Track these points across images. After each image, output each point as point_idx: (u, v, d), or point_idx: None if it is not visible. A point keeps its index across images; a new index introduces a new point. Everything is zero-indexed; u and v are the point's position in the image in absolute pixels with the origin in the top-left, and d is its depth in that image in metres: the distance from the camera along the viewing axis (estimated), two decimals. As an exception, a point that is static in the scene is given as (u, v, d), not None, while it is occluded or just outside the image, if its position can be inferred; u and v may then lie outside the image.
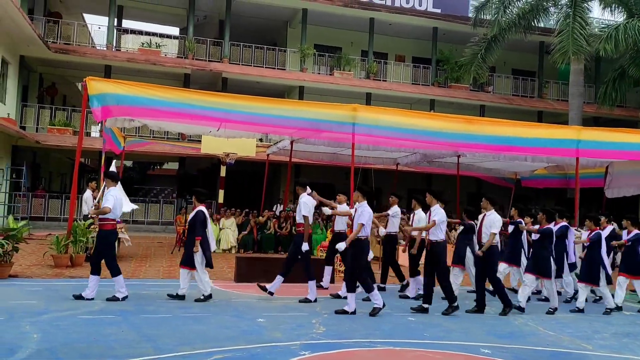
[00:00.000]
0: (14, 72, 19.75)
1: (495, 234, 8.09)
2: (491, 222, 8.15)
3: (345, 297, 7.87)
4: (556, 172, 14.48)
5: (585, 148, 11.23)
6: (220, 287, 9.13)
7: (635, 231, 9.29)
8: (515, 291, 9.48)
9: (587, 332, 7.39)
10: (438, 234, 8.01)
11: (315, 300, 8.19)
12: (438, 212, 8.04)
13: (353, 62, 24.25)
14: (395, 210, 9.72)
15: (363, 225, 7.56)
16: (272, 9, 23.50)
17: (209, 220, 8.13)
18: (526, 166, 14.94)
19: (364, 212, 7.61)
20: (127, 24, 25.75)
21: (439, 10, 25.03)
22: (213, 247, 8.20)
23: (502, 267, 9.51)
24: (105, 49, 22.01)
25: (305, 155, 15.84)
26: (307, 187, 8.56)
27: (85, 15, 26.90)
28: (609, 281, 9.16)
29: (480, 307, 8.25)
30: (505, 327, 7.41)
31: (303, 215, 8.25)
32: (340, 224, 9.31)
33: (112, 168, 8.08)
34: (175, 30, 28.28)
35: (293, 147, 14.09)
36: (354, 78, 23.83)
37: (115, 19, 22.85)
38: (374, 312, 7.55)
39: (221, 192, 16.84)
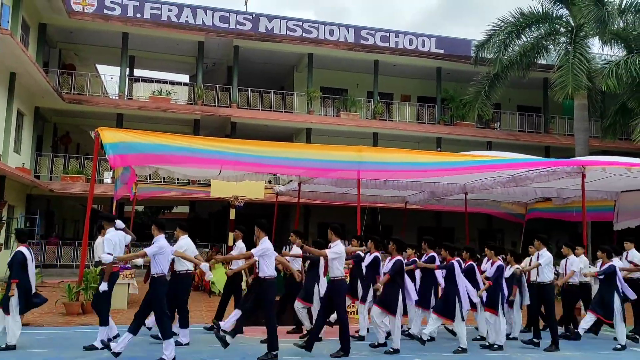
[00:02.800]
0: (29, 123, 20.33)
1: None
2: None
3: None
4: (562, 205, 14.45)
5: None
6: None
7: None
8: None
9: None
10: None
11: None
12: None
13: (359, 103, 24.68)
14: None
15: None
16: (279, 55, 24.15)
17: (32, 262, 7.64)
18: (532, 198, 14.94)
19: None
20: (138, 73, 26.54)
21: (442, 51, 25.57)
22: (34, 289, 7.74)
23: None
24: (117, 97, 22.64)
25: (314, 196, 16.00)
26: (116, 221, 8.15)
27: (98, 66, 27.77)
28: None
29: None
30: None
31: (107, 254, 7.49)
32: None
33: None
34: (185, 78, 29.05)
35: (301, 189, 14.28)
36: (360, 119, 24.20)
37: (127, 69, 23.59)
38: None
39: (231, 235, 16.94)
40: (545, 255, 8.98)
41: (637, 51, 18.50)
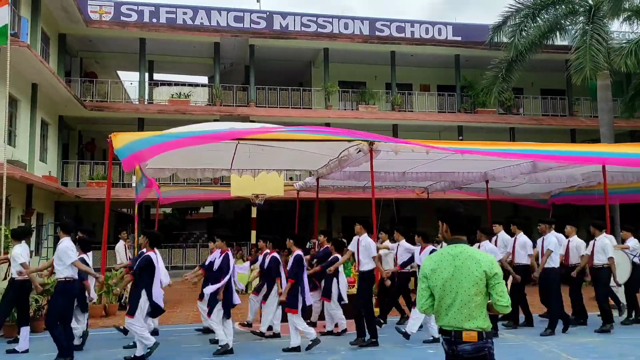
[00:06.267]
0: (54, 131, 20.80)
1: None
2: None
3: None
4: (586, 188, 14.13)
5: None
6: (247, 328, 9.22)
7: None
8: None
9: (614, 356, 7.09)
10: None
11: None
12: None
13: (377, 95, 24.52)
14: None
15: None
16: (295, 51, 24.16)
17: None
18: (558, 186, 14.67)
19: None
20: (158, 77, 26.89)
21: (459, 38, 25.19)
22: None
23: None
24: (137, 102, 22.99)
25: (334, 190, 15.98)
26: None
27: (119, 72, 28.22)
28: None
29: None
30: (531, 356, 7.22)
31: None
32: None
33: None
34: (204, 79, 29.31)
35: (321, 183, 14.26)
36: (379, 111, 24.05)
37: (146, 74, 23.91)
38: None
39: (253, 233, 17.08)
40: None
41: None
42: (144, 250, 7.85)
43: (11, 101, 15.89)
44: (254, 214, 17.29)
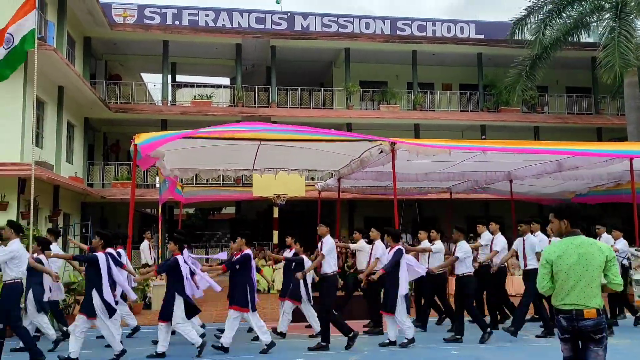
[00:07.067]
0: (80, 133, 21.18)
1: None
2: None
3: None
4: (613, 188, 13.86)
5: None
6: (269, 327, 9.24)
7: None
8: None
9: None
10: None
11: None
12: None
13: (398, 95, 24.40)
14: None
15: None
16: (316, 52, 24.19)
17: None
18: (583, 185, 14.42)
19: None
20: (180, 78, 27.18)
21: (482, 36, 24.94)
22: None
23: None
24: (161, 104, 23.27)
25: (356, 190, 15.97)
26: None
27: (142, 74, 28.60)
28: None
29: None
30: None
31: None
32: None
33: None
34: (226, 81, 29.52)
35: (342, 184, 14.25)
36: (400, 111, 23.93)
37: (169, 75, 24.19)
38: None
39: (275, 233, 17.20)
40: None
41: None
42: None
43: (38, 104, 16.22)
44: (275, 214, 17.43)
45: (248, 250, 7.98)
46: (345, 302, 9.96)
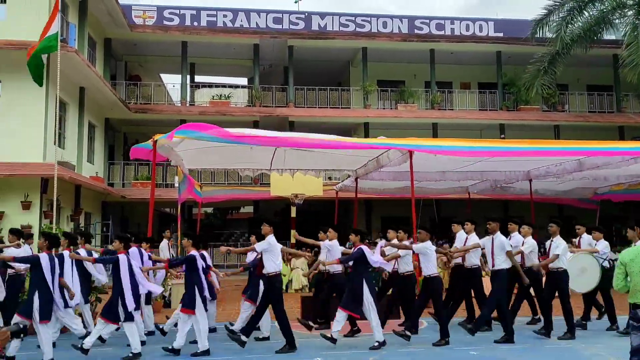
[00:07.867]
0: (101, 134, 21.49)
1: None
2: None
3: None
4: (635, 186, 13.63)
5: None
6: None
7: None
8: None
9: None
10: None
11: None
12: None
13: (416, 94, 24.29)
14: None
15: None
16: (333, 51, 24.20)
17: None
18: (603, 183, 14.21)
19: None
20: (199, 79, 27.40)
21: (501, 34, 24.71)
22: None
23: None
24: (179, 104, 23.50)
25: (373, 191, 15.96)
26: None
27: (162, 75, 28.91)
28: None
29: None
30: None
31: None
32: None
33: None
34: (243, 81, 29.69)
35: (360, 184, 14.24)
36: (418, 110, 23.82)
37: (188, 76, 24.41)
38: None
39: (293, 232, 17.20)
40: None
41: None
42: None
43: (60, 105, 16.49)
44: (293, 214, 17.45)
45: (194, 252, 7.99)
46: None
